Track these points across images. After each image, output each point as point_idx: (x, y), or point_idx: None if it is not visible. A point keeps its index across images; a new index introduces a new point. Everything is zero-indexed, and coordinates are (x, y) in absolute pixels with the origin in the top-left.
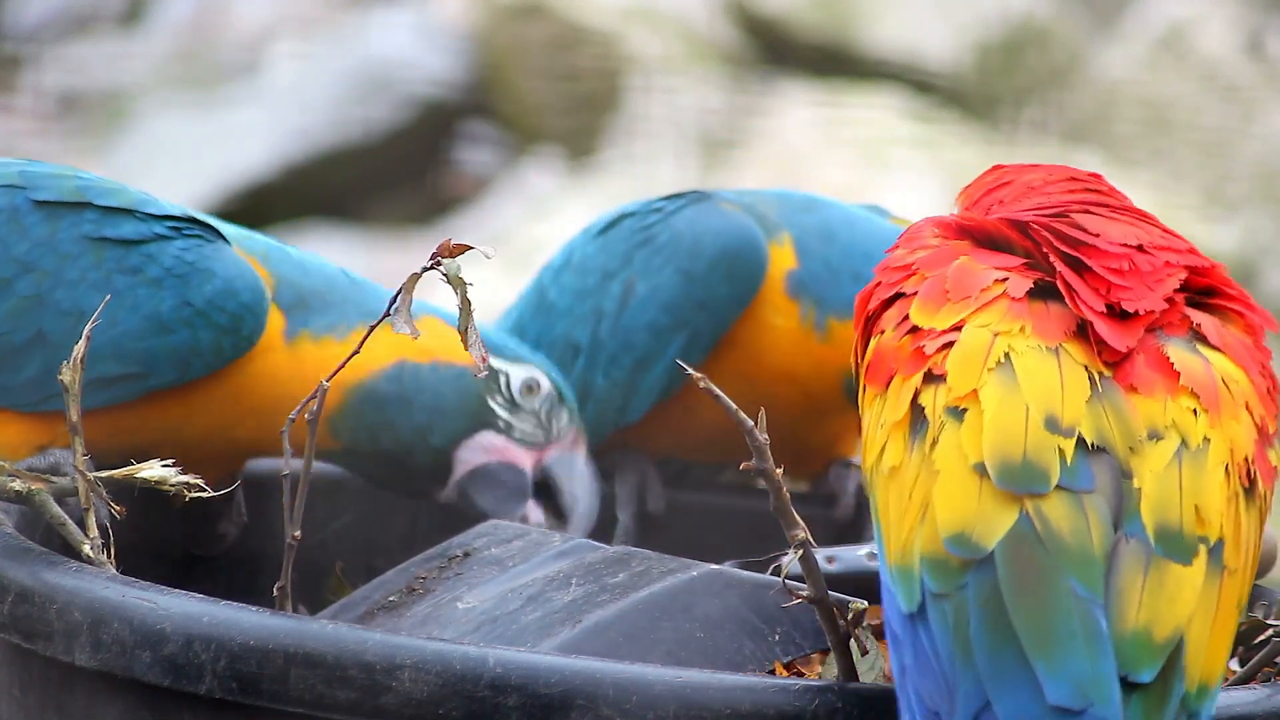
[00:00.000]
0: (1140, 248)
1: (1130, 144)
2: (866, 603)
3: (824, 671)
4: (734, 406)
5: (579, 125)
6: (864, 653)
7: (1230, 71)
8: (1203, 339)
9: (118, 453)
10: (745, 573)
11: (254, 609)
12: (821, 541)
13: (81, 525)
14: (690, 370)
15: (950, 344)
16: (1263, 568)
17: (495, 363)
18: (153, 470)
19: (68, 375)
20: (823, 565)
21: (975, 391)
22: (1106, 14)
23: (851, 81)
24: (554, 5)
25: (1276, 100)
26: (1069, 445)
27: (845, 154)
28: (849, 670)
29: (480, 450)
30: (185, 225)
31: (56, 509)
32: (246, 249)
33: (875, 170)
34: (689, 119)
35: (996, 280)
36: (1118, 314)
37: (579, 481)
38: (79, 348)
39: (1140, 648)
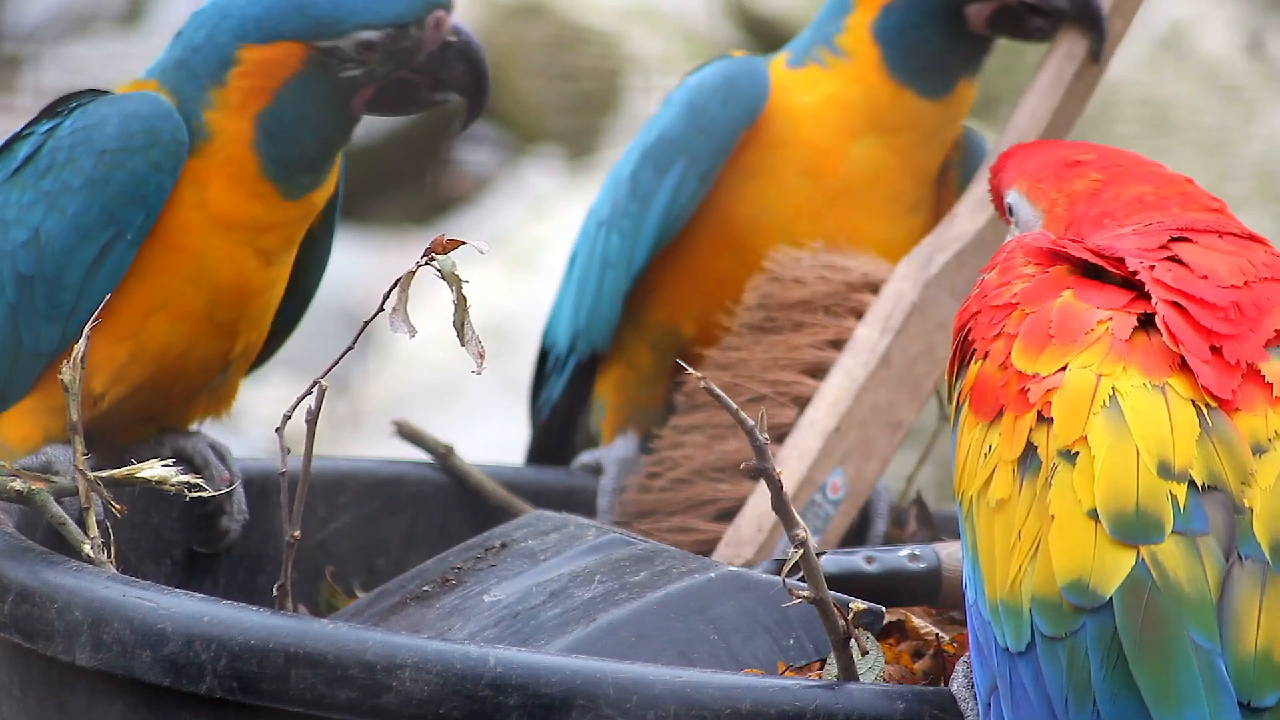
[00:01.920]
0: (1246, 284)
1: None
2: (865, 603)
3: (824, 672)
4: (734, 406)
5: (579, 125)
6: (864, 653)
7: (1230, 71)
8: None
9: (157, 355)
10: (763, 575)
11: (254, 608)
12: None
13: (81, 524)
14: (689, 369)
15: (1054, 389)
16: None
17: None
18: (153, 470)
19: (68, 375)
20: (861, 566)
21: (1084, 437)
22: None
23: None
24: (554, 5)
25: (1276, 100)
26: (1181, 490)
27: None
28: (849, 670)
29: None
30: (63, 105)
31: (56, 508)
32: None
33: None
34: None
35: (1100, 321)
36: (1220, 352)
37: None
38: (79, 347)
39: (1261, 671)
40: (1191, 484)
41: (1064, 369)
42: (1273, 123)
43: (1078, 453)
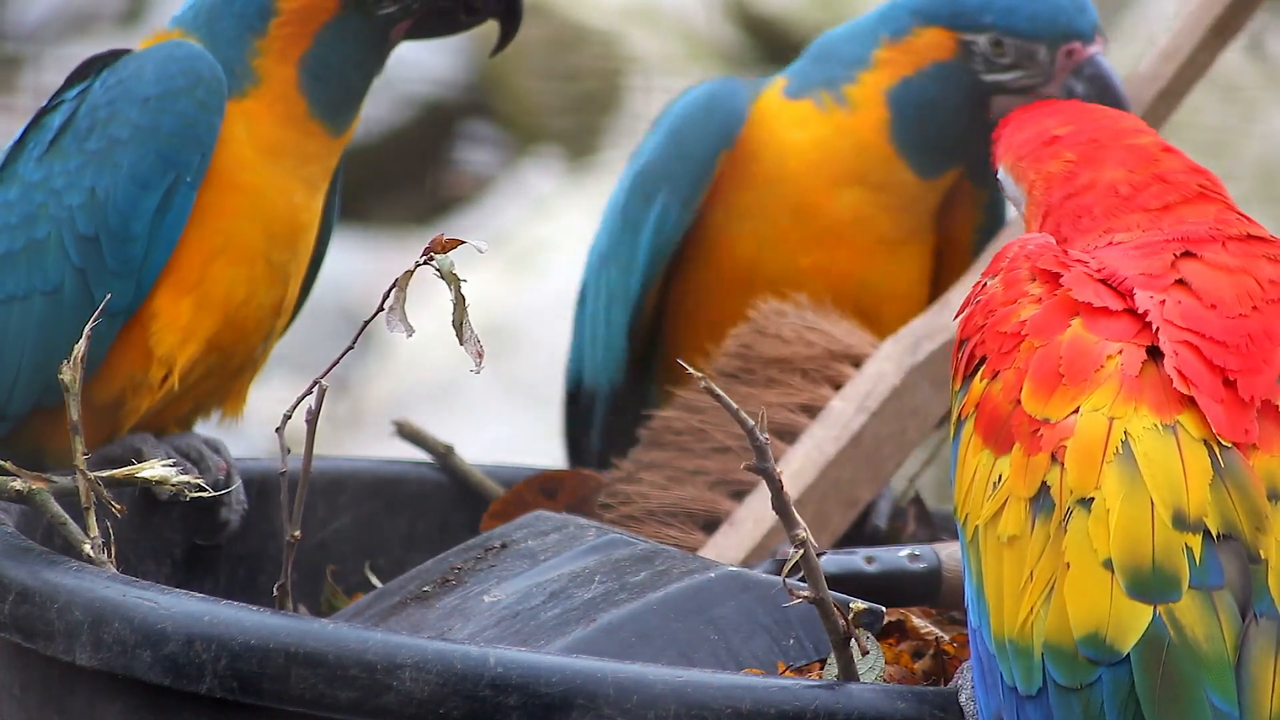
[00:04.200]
0: (1254, 309)
1: None
2: (865, 603)
3: (824, 672)
4: (734, 406)
5: (579, 125)
6: (864, 653)
7: (1230, 71)
8: None
9: (225, 295)
10: (763, 575)
11: (255, 608)
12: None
13: (82, 524)
14: (689, 369)
15: (1067, 436)
16: None
17: None
18: (153, 470)
19: (68, 374)
20: (861, 566)
21: (1098, 486)
22: (1106, 14)
23: None
24: (554, 5)
25: (1276, 100)
26: (1196, 541)
27: None
28: (849, 670)
29: None
30: (87, 69)
31: (57, 508)
32: None
33: None
34: None
35: (1109, 356)
36: (1234, 387)
37: None
38: (79, 347)
39: None
40: (1206, 533)
41: (1076, 411)
42: (1273, 123)
43: (1092, 499)
